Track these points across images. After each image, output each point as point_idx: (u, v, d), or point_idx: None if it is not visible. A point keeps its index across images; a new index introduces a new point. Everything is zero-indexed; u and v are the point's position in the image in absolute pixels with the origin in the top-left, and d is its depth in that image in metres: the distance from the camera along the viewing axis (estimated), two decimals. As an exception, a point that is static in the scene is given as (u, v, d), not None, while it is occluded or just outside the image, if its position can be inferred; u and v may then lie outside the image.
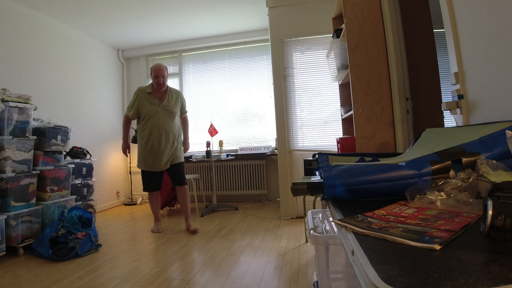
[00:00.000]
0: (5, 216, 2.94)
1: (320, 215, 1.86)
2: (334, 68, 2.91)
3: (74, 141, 4.27)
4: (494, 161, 0.73)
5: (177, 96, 3.78)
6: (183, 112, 3.89)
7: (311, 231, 1.47)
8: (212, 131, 4.91)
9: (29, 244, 3.14)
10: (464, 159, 0.76)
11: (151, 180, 3.68)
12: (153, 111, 3.56)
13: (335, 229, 1.58)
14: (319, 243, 1.43)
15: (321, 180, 0.83)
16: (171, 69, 5.86)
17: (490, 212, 0.43)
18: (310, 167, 2.23)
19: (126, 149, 3.82)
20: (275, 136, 4.70)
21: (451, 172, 0.74)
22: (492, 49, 1.12)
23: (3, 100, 3.05)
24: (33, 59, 4.14)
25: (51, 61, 4.45)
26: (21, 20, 3.99)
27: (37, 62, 4.21)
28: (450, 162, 0.75)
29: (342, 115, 3.04)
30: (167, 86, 3.75)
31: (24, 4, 3.96)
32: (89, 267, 2.68)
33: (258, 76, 5.54)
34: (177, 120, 3.77)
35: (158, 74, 3.61)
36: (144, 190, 3.79)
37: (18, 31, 3.94)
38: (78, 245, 2.96)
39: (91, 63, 5.27)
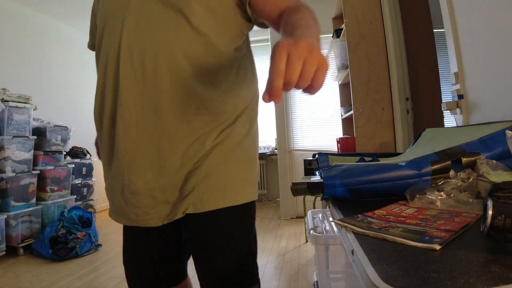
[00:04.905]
0: (5, 216, 2.94)
1: (320, 215, 1.86)
2: (334, 68, 2.91)
3: (74, 141, 4.27)
4: (494, 161, 0.73)
5: None
6: None
7: (311, 231, 1.47)
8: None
9: (29, 244, 3.13)
10: (464, 159, 0.76)
11: (130, 257, 1.06)
12: (116, 6, 0.88)
13: (335, 229, 1.58)
14: (319, 243, 1.43)
15: (321, 180, 0.83)
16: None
17: (490, 212, 0.43)
18: (310, 167, 2.23)
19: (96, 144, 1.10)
20: (275, 136, 4.69)
21: (451, 172, 0.74)
22: (492, 49, 1.11)
23: (3, 100, 3.05)
24: (33, 59, 4.14)
25: (51, 61, 4.45)
26: (21, 20, 3.98)
27: (37, 62, 4.21)
28: (450, 162, 0.75)
29: (342, 115, 3.04)
30: None
31: (24, 4, 3.95)
32: (89, 267, 2.68)
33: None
34: (230, 41, 0.90)
35: None
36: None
37: (18, 31, 3.93)
38: (78, 245, 2.96)
39: (91, 63, 5.24)
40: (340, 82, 3.05)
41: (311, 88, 0.58)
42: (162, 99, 0.82)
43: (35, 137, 3.38)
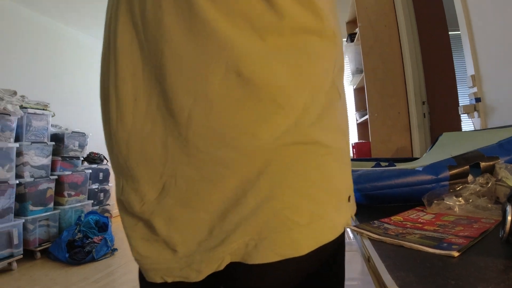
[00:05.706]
0: (23, 220, 3.00)
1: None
2: (349, 73, 2.90)
3: (91, 147, 4.34)
4: (514, 166, 0.72)
5: None
6: None
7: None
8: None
9: (46, 248, 3.19)
10: (482, 164, 0.74)
11: None
12: None
13: (351, 235, 1.57)
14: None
15: (336, 185, 0.82)
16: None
17: (509, 218, 0.42)
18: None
19: None
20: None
21: (470, 177, 0.73)
22: (509, 50, 1.09)
23: (22, 107, 3.12)
24: (51, 66, 4.24)
25: (68, 68, 4.55)
26: (38, 28, 4.09)
27: (55, 69, 4.31)
28: (468, 166, 0.73)
29: (357, 120, 3.02)
30: None
31: (41, 13, 4.06)
32: (105, 271, 2.71)
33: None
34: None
35: None
36: None
37: (35, 39, 4.04)
38: (94, 249, 3.00)
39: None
40: (354, 87, 3.03)
41: None
42: (167, 63, 0.46)
43: (53, 143, 3.45)
